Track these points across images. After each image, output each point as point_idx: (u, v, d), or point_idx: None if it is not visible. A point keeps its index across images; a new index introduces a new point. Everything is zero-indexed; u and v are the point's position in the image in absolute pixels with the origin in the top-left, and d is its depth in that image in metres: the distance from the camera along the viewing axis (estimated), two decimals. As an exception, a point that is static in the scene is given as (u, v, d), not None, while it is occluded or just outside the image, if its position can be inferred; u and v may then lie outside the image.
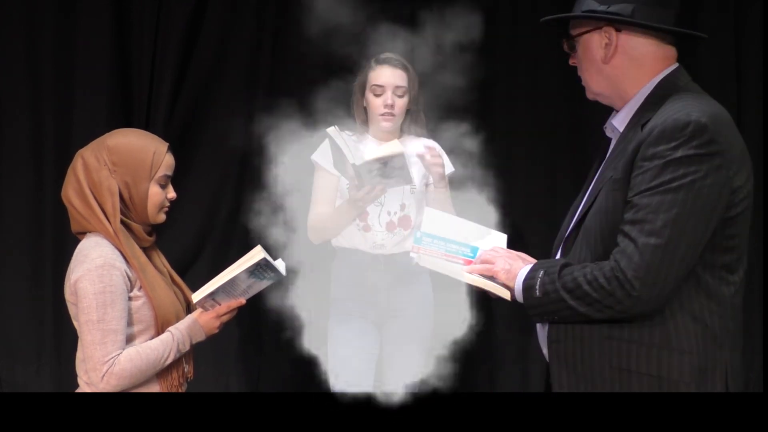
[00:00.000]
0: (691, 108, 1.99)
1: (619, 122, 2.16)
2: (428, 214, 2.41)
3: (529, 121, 4.41)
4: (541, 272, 2.07)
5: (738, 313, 2.07)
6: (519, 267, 2.16)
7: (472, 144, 3.56)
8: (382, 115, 3.44)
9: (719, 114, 2.02)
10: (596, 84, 2.18)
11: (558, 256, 2.19)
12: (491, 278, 2.20)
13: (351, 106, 3.54)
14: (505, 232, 2.42)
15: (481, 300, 3.73)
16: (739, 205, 2.01)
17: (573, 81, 2.32)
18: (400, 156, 3.17)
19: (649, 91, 2.11)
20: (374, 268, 3.51)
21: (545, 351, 2.19)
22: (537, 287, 2.06)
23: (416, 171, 3.44)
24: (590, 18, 2.13)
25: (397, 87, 3.44)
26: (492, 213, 3.31)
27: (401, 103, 3.46)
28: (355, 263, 3.53)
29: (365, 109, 3.52)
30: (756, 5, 4.21)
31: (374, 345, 3.54)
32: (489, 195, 3.45)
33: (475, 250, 2.29)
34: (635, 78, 2.13)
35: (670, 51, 2.14)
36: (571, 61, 2.22)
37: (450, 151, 3.56)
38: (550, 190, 4.36)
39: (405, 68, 3.47)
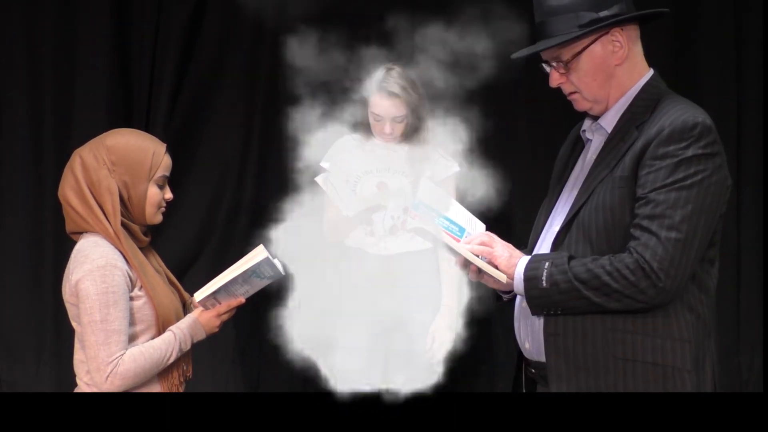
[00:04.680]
0: (694, 110, 2.10)
1: (607, 123, 2.22)
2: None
3: (527, 120, 4.39)
4: (547, 263, 2.10)
5: (715, 303, 2.19)
6: (519, 255, 2.19)
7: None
8: (382, 136, 3.52)
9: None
10: (602, 91, 2.21)
11: (547, 251, 2.21)
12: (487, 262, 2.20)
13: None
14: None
15: (481, 298, 3.73)
16: (726, 203, 2.12)
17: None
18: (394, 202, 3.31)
19: (635, 94, 2.19)
20: (379, 268, 3.54)
21: (527, 346, 2.22)
22: (543, 278, 2.09)
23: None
24: (596, 29, 2.15)
25: (395, 117, 3.48)
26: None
27: (401, 128, 3.51)
28: (360, 263, 3.57)
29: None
30: (756, 5, 4.21)
31: (378, 345, 3.55)
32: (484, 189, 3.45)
33: (462, 230, 2.29)
34: (629, 77, 2.20)
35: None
36: (555, 84, 2.23)
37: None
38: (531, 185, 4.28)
39: (402, 96, 3.46)
